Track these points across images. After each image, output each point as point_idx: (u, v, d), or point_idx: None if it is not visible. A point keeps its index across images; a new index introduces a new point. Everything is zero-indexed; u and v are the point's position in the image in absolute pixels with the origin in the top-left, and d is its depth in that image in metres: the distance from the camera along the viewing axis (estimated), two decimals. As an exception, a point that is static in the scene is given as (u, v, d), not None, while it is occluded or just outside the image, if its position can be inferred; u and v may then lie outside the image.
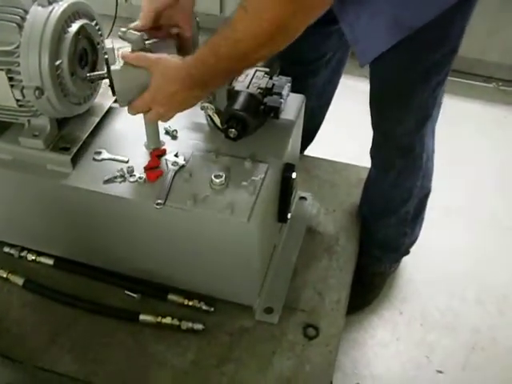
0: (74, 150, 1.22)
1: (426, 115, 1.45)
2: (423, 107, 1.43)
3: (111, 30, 2.94)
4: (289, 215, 1.38)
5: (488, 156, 2.45)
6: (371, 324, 1.86)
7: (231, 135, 1.15)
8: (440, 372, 1.74)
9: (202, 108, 1.22)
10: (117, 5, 3.00)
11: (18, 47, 1.10)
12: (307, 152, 1.90)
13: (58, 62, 1.11)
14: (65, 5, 1.11)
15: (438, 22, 1.17)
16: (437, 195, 1.73)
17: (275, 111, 1.19)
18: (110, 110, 1.35)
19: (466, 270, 2.01)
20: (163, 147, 1.25)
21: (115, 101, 1.22)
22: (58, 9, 1.10)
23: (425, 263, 2.01)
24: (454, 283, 1.98)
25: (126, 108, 1.17)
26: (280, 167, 1.24)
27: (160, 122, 1.24)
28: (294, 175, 1.28)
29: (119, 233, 1.29)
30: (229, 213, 1.10)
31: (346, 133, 2.45)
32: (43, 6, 1.10)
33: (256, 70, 1.24)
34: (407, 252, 1.87)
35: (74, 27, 1.14)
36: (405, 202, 1.65)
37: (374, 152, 1.60)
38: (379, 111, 1.48)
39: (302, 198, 1.65)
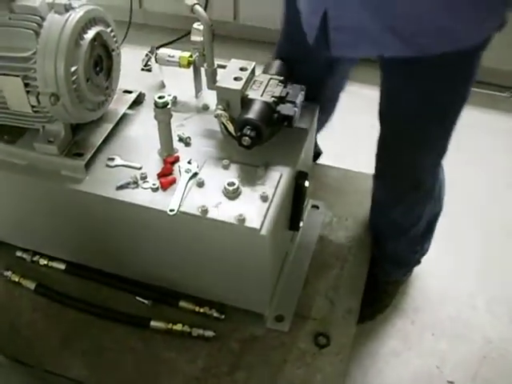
0: (88, 156, 1.23)
1: (442, 152, 1.45)
2: (440, 146, 1.43)
3: (125, 36, 2.98)
4: (301, 223, 1.38)
5: (502, 165, 2.44)
6: (382, 333, 1.85)
7: (245, 143, 1.15)
8: (451, 382, 1.73)
9: (216, 116, 1.22)
10: (131, 11, 3.04)
11: (34, 54, 1.11)
12: (319, 160, 1.90)
13: (73, 69, 1.12)
14: (81, 12, 1.12)
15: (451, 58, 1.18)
16: (448, 204, 1.72)
17: (289, 120, 1.19)
18: (123, 117, 1.35)
19: (478, 278, 2.00)
20: (176, 154, 1.25)
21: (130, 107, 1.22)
22: (75, 16, 1.11)
23: (436, 271, 2.00)
24: (465, 292, 1.96)
25: (140, 114, 1.17)
26: (293, 175, 1.23)
27: (173, 129, 1.24)
28: (306, 183, 1.28)
29: (131, 239, 1.29)
30: (241, 221, 1.10)
31: (355, 140, 2.43)
32: (60, 13, 1.11)
33: (270, 78, 1.24)
34: (418, 262, 1.86)
35: (90, 34, 1.14)
36: (414, 225, 1.64)
37: (381, 186, 1.59)
38: (389, 157, 1.48)
39: (314, 206, 1.65)
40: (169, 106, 1.17)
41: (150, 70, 1.44)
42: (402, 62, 1.20)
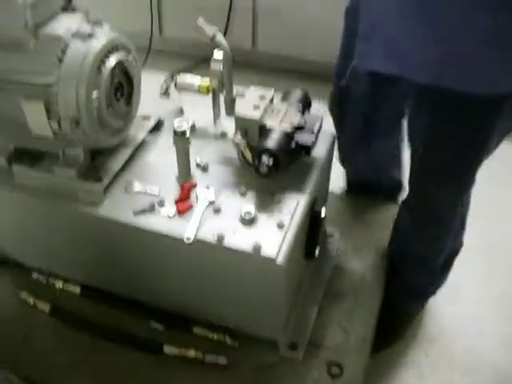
0: (107, 180, 1.24)
1: (466, 189, 1.47)
2: (467, 183, 1.44)
3: (145, 61, 3.01)
4: (316, 252, 1.38)
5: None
6: (396, 364, 1.83)
7: (262, 172, 1.16)
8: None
9: (234, 143, 1.23)
10: (151, 37, 3.08)
11: (57, 79, 1.12)
12: (335, 189, 1.90)
13: (95, 95, 1.14)
14: (103, 40, 1.14)
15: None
16: (469, 238, 1.71)
17: (307, 149, 1.20)
18: (142, 142, 1.36)
19: (492, 311, 1.98)
20: (194, 180, 1.26)
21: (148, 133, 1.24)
22: (97, 44, 1.13)
23: (451, 303, 1.98)
24: (480, 324, 1.94)
25: (158, 140, 1.18)
26: (309, 203, 1.24)
27: (191, 155, 1.26)
28: (323, 212, 1.28)
29: (147, 264, 1.30)
30: (257, 250, 1.10)
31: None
32: (83, 40, 1.13)
33: (288, 107, 1.25)
34: (433, 294, 1.85)
35: (112, 62, 1.16)
36: (434, 259, 1.63)
37: (406, 214, 1.60)
38: (413, 187, 1.50)
39: (330, 234, 1.65)
40: (187, 134, 1.19)
41: (168, 96, 1.45)
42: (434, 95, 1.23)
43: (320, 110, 2.42)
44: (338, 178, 1.88)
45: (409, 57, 1.22)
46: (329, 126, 1.31)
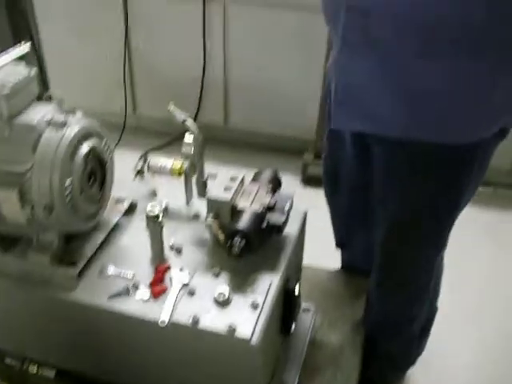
0: (81, 265, 1.25)
1: (438, 249, 1.49)
2: (434, 242, 1.47)
3: (119, 140, 3.05)
4: (292, 328, 1.38)
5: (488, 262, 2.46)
6: None
7: (235, 253, 1.17)
8: None
9: (207, 225, 1.25)
10: (126, 115, 3.13)
11: (31, 168, 1.14)
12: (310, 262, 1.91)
13: (68, 182, 1.16)
14: (76, 128, 1.17)
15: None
16: (442, 303, 1.73)
17: (278, 229, 1.22)
18: (116, 225, 1.38)
19: (474, 377, 1.98)
20: (168, 263, 1.27)
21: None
22: (70, 132, 1.16)
23: (432, 372, 1.98)
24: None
25: (132, 223, 1.20)
26: (283, 281, 1.25)
27: (165, 237, 1.27)
28: (296, 289, 1.30)
29: (123, 347, 1.29)
30: (231, 331, 1.11)
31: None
32: (56, 129, 1.16)
33: (259, 187, 1.28)
34: (413, 363, 1.85)
35: (85, 149, 1.19)
36: (410, 325, 1.64)
37: (375, 281, 1.61)
38: (382, 250, 1.52)
39: (306, 309, 1.65)
40: (160, 218, 1.21)
41: (142, 177, 1.48)
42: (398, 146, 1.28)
43: (292, 184, 2.47)
44: (311, 252, 1.90)
45: (379, 114, 1.27)
46: (300, 204, 1.34)
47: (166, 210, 1.41)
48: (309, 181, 2.82)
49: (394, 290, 1.58)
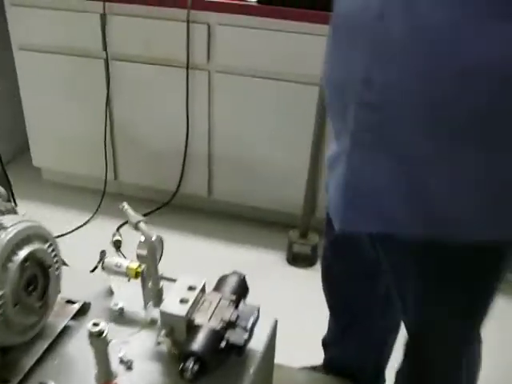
0: (15, 382, 1.10)
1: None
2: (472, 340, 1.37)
3: (99, 206, 2.95)
4: None
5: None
6: None
7: (187, 378, 1.03)
8: None
9: (159, 343, 1.12)
10: (106, 181, 3.02)
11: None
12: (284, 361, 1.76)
13: (-1, 294, 1.02)
14: (11, 233, 1.03)
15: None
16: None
17: (238, 349, 1.08)
18: (64, 329, 1.23)
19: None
20: (115, 380, 1.12)
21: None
22: (5, 237, 1.02)
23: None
24: None
25: (82, 326, 1.06)
26: (245, 405, 1.11)
27: (116, 348, 1.13)
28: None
29: None
30: None
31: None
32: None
33: (221, 299, 1.14)
34: None
35: (21, 255, 1.05)
36: None
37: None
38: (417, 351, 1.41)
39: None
40: (104, 334, 1.06)
41: (119, 250, 1.37)
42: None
43: (276, 263, 2.35)
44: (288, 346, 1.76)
45: (394, 213, 1.15)
46: (284, 284, 1.21)
47: (121, 312, 1.27)
48: (294, 259, 2.70)
49: None
